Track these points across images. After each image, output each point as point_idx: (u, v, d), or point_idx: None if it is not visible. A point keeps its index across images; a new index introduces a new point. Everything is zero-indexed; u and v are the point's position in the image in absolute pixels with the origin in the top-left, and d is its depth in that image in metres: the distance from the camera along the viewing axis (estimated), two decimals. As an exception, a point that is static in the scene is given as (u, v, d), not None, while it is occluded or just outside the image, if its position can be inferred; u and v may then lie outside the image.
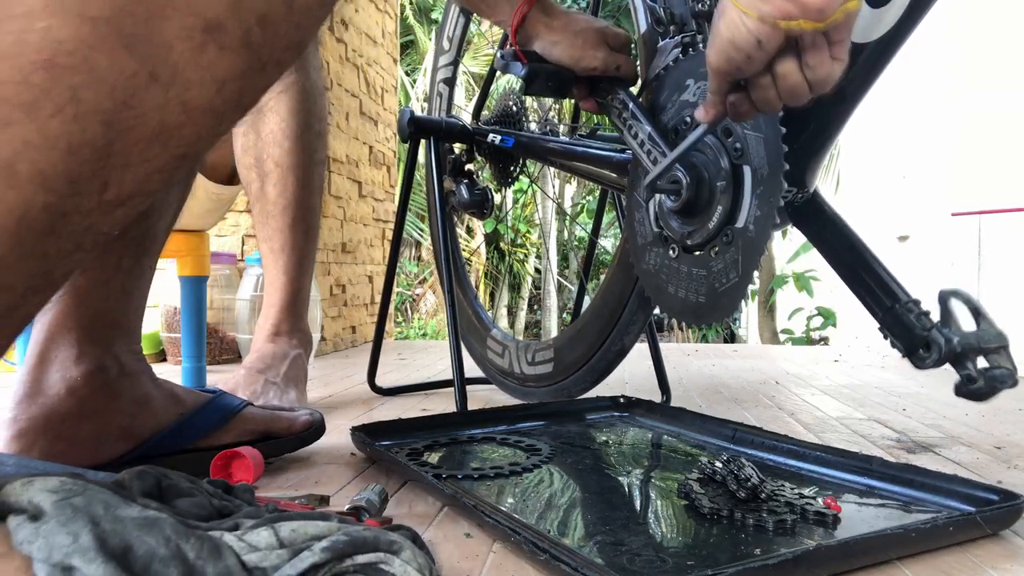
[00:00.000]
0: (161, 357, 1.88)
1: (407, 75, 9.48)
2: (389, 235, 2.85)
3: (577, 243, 9.65)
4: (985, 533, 0.60)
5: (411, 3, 9.48)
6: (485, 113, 1.33)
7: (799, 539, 0.58)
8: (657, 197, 0.86)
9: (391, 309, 1.77)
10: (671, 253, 0.86)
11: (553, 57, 0.93)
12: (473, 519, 0.63)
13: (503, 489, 0.72)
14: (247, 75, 0.40)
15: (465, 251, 8.92)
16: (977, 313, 0.72)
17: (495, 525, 0.58)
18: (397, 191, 2.95)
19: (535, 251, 10.81)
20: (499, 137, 1.20)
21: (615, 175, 1.02)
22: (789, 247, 7.49)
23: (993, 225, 1.93)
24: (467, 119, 1.34)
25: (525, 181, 1.34)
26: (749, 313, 9.66)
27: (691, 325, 0.87)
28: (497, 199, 1.32)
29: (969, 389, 0.69)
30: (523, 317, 11.11)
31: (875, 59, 0.73)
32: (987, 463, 0.88)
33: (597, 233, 1.45)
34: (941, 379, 0.72)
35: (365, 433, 0.86)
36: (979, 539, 0.60)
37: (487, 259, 10.37)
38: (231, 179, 1.39)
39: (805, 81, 0.63)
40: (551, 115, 1.24)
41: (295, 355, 1.14)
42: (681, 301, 0.85)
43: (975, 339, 0.70)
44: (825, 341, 6.03)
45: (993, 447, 0.97)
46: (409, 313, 10.16)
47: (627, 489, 0.74)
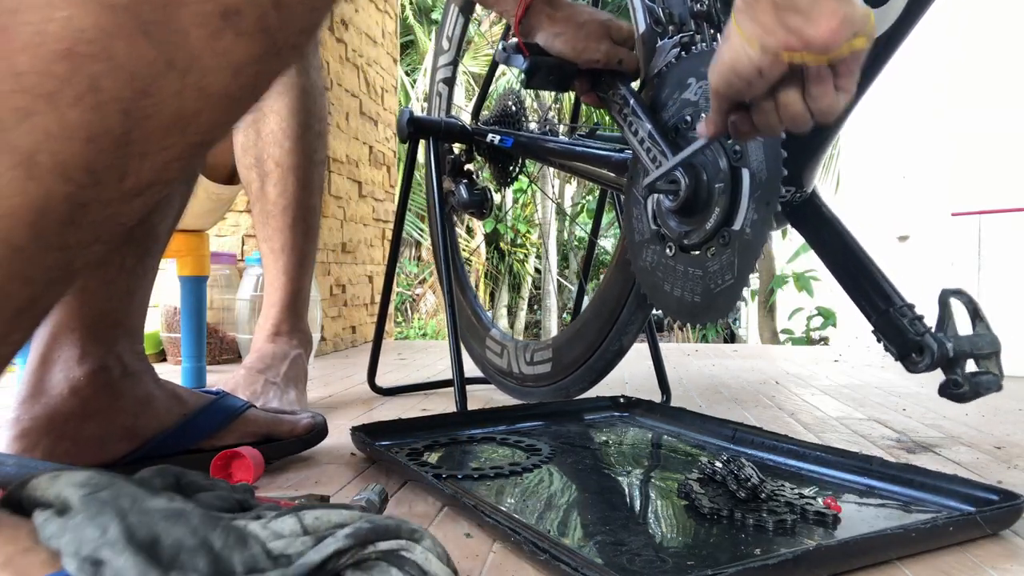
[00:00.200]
0: (161, 357, 1.88)
1: (407, 75, 9.48)
2: (389, 235, 2.85)
3: (577, 243, 9.65)
4: (985, 533, 0.60)
5: (411, 3, 9.48)
6: (484, 113, 1.33)
7: (799, 539, 0.58)
8: (655, 195, 0.86)
9: (391, 309, 1.77)
10: (668, 251, 0.86)
11: (556, 49, 0.92)
12: (473, 519, 0.63)
13: (503, 489, 0.72)
14: (263, 60, 0.39)
15: (465, 251, 8.91)
16: (976, 316, 0.72)
17: (495, 525, 0.58)
18: (397, 191, 2.95)
19: (535, 251, 10.82)
20: (498, 137, 1.20)
21: (614, 175, 1.02)
22: (789, 247, 7.49)
23: (993, 225, 1.93)
24: (466, 119, 1.34)
25: (525, 181, 1.34)
26: (749, 313, 9.66)
27: (686, 324, 0.87)
28: (497, 199, 1.32)
29: (952, 392, 0.70)
30: (523, 317, 11.11)
31: (874, 58, 0.73)
32: (987, 463, 0.88)
33: (597, 233, 1.45)
34: (941, 379, 0.72)
35: (365, 433, 0.86)
36: (979, 539, 0.60)
37: (487, 259, 10.37)
38: (231, 179, 1.39)
39: (807, 111, 0.62)
40: (550, 115, 1.24)
41: (295, 355, 1.14)
42: (677, 300, 0.85)
43: (968, 344, 0.70)
44: (825, 341, 6.03)
45: (993, 447, 0.97)
46: (409, 313, 10.16)
47: (627, 489, 0.74)
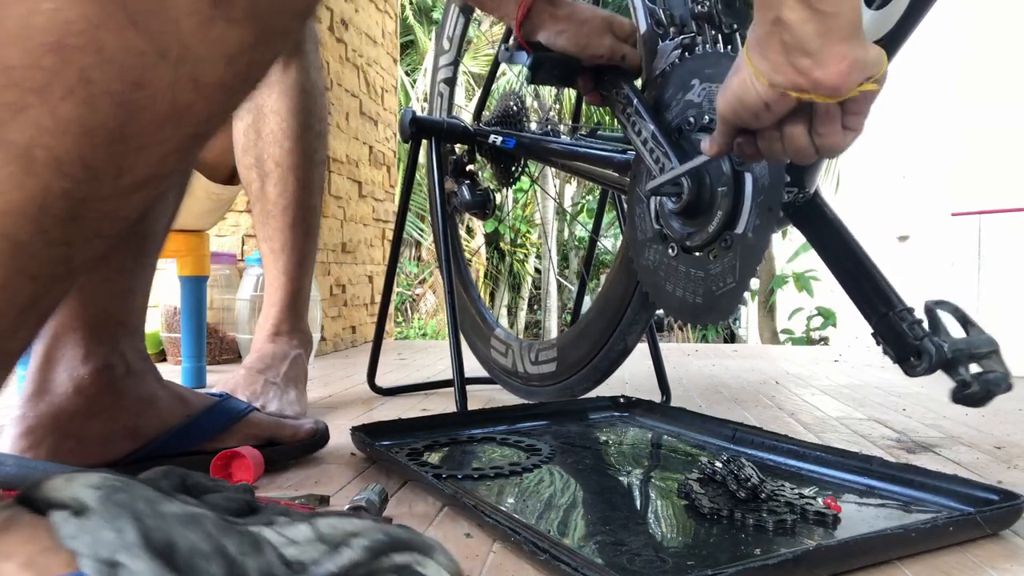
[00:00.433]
0: (161, 357, 1.88)
1: (407, 75, 9.48)
2: (389, 235, 2.85)
3: (577, 243, 9.65)
4: (985, 533, 0.60)
5: (411, 3, 9.48)
6: (486, 114, 1.33)
7: (799, 539, 0.58)
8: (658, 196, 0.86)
9: (391, 309, 1.77)
10: (670, 251, 0.86)
11: (558, 46, 0.92)
12: (473, 519, 0.63)
13: (503, 489, 0.72)
14: (256, 48, 0.39)
15: (465, 251, 8.91)
16: (965, 321, 0.72)
17: (495, 525, 0.58)
18: (397, 191, 2.95)
19: (535, 251, 10.81)
20: (500, 138, 1.20)
21: (616, 175, 1.02)
22: (789, 247, 7.49)
23: (993, 225, 1.93)
24: (468, 119, 1.34)
25: (526, 181, 1.34)
26: (749, 313, 9.66)
27: (687, 324, 0.87)
28: (498, 199, 1.32)
29: (965, 394, 0.69)
30: (523, 317, 11.11)
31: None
32: (987, 463, 0.88)
33: (597, 233, 1.45)
34: (941, 379, 0.72)
35: (365, 433, 0.86)
36: (979, 539, 0.60)
37: (487, 259, 10.37)
38: (231, 179, 1.39)
39: (812, 145, 0.62)
40: (551, 115, 1.24)
41: (295, 355, 1.14)
42: (679, 300, 0.85)
43: (965, 346, 0.70)
44: (825, 341, 6.03)
45: (993, 447, 0.97)
46: (409, 313, 10.16)
47: (627, 489, 0.74)
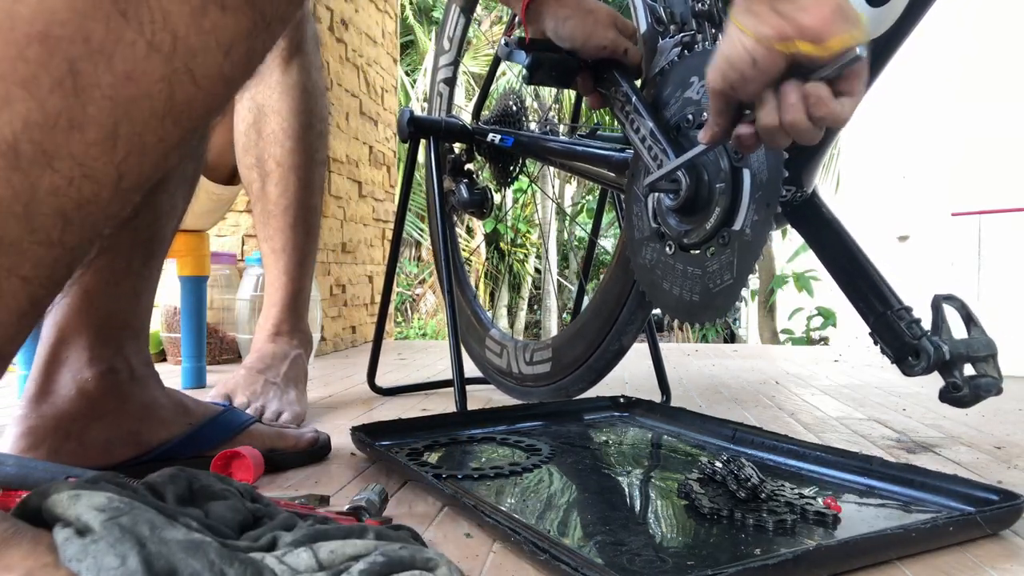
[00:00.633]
0: (161, 357, 1.88)
1: (407, 75, 9.48)
2: (389, 235, 2.85)
3: (577, 243, 9.65)
4: (985, 533, 0.60)
5: (411, 3, 9.48)
6: (485, 113, 1.33)
7: (799, 539, 0.58)
8: (656, 193, 0.86)
9: (391, 309, 1.77)
10: (667, 250, 0.86)
11: (564, 32, 0.91)
12: (473, 519, 0.63)
13: (503, 489, 0.72)
14: (252, 35, 0.37)
15: (465, 251, 8.92)
16: (969, 319, 0.72)
17: (495, 525, 0.58)
18: (397, 191, 2.95)
19: (535, 251, 10.81)
20: (499, 137, 1.20)
21: (615, 174, 1.02)
22: (789, 247, 7.49)
23: (993, 225, 1.93)
24: (467, 119, 1.34)
25: (525, 181, 1.34)
26: (749, 313, 9.66)
27: (684, 323, 0.87)
28: (497, 199, 1.32)
29: (953, 396, 0.69)
30: (523, 317, 11.11)
31: (875, 58, 0.73)
32: (987, 463, 0.88)
33: (597, 233, 1.45)
34: (941, 380, 0.72)
35: (365, 433, 0.85)
36: (979, 539, 0.60)
37: (487, 259, 10.37)
38: (231, 179, 1.39)
39: (807, 116, 0.60)
40: (551, 115, 1.23)
41: (295, 355, 1.14)
42: (676, 298, 0.85)
43: (964, 347, 0.70)
44: (825, 341, 6.03)
45: (993, 447, 0.97)
46: (409, 313, 10.16)
47: (627, 489, 0.74)
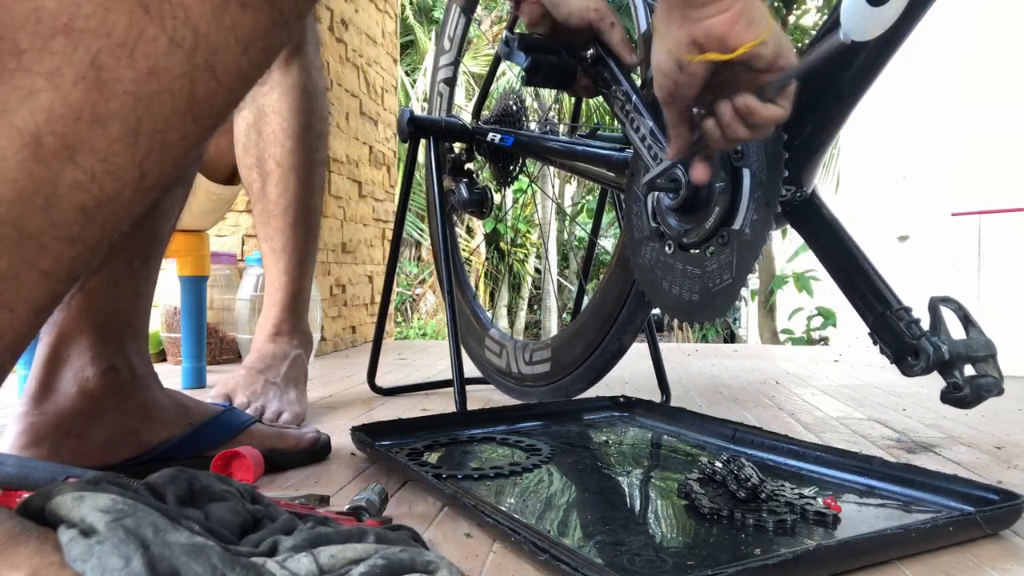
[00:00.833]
0: (161, 357, 1.88)
1: (407, 75, 9.48)
2: (389, 235, 2.85)
3: (577, 243, 9.65)
4: (985, 533, 0.60)
5: (411, 3, 9.48)
6: (485, 113, 1.33)
7: (799, 539, 0.58)
8: (655, 192, 0.86)
9: (391, 309, 1.77)
10: (667, 249, 0.86)
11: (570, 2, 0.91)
12: (473, 519, 0.63)
13: (503, 489, 0.72)
14: (270, 32, 0.38)
15: (465, 251, 8.92)
16: (967, 321, 0.72)
17: (495, 525, 0.58)
18: (397, 191, 2.95)
19: (535, 251, 10.81)
20: (499, 136, 1.20)
21: (614, 174, 1.02)
22: (789, 247, 7.49)
23: (993, 225, 1.93)
24: (467, 119, 1.34)
25: (525, 181, 1.34)
26: (749, 313, 9.66)
27: (683, 322, 0.87)
28: (497, 199, 1.32)
29: (955, 396, 0.69)
30: (523, 317, 11.11)
31: (874, 58, 0.73)
32: (987, 463, 0.88)
33: (597, 233, 1.45)
34: (941, 380, 0.72)
35: (365, 433, 0.85)
36: (979, 539, 0.60)
37: (487, 259, 10.37)
38: (231, 179, 1.39)
39: (743, 125, 0.63)
40: (551, 115, 1.23)
41: (295, 355, 1.14)
42: (675, 298, 0.85)
43: (963, 347, 0.70)
44: (825, 341, 6.03)
45: (993, 447, 0.97)
46: (409, 313, 10.16)
47: (627, 489, 0.74)
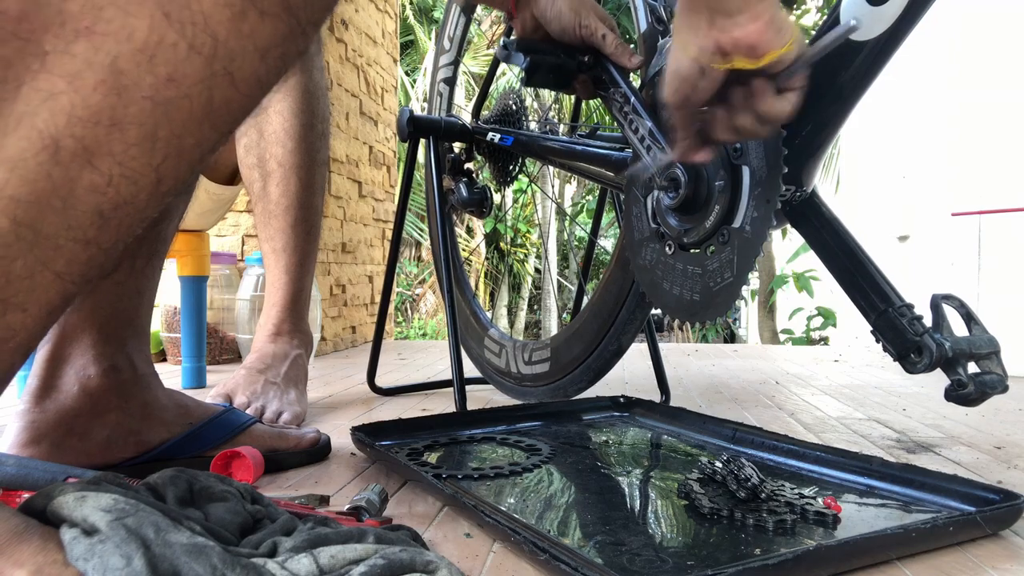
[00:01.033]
0: (161, 357, 1.88)
1: (407, 75, 9.49)
2: (389, 235, 2.85)
3: (577, 243, 9.65)
4: (985, 533, 0.60)
5: (411, 3, 9.49)
6: (485, 112, 1.33)
7: (799, 539, 0.58)
8: (655, 193, 0.86)
9: (391, 309, 1.77)
10: (667, 250, 0.86)
11: (551, 14, 0.91)
12: (473, 519, 0.63)
13: (503, 489, 0.72)
14: (288, 40, 0.38)
15: (464, 251, 8.91)
16: (969, 318, 0.72)
17: (495, 525, 0.58)
18: (397, 191, 2.95)
19: (535, 251, 10.82)
20: (498, 136, 1.20)
21: (614, 174, 1.02)
22: (789, 247, 7.49)
23: (993, 225, 1.93)
24: (467, 118, 1.34)
25: (524, 180, 1.34)
26: (749, 313, 9.66)
27: (684, 322, 0.87)
28: (497, 199, 1.32)
29: (959, 394, 0.69)
30: (523, 317, 11.11)
31: (874, 58, 0.73)
32: (987, 463, 0.88)
33: (596, 233, 1.45)
34: (941, 379, 0.72)
35: (365, 433, 0.85)
36: (979, 539, 0.60)
37: (487, 259, 10.38)
38: (231, 179, 1.39)
39: (755, 120, 0.64)
40: (551, 114, 1.23)
41: (296, 355, 1.14)
42: (676, 298, 0.85)
43: (967, 344, 0.70)
44: (825, 341, 6.04)
45: (993, 447, 0.97)
46: (409, 313, 10.16)
47: (627, 489, 0.74)
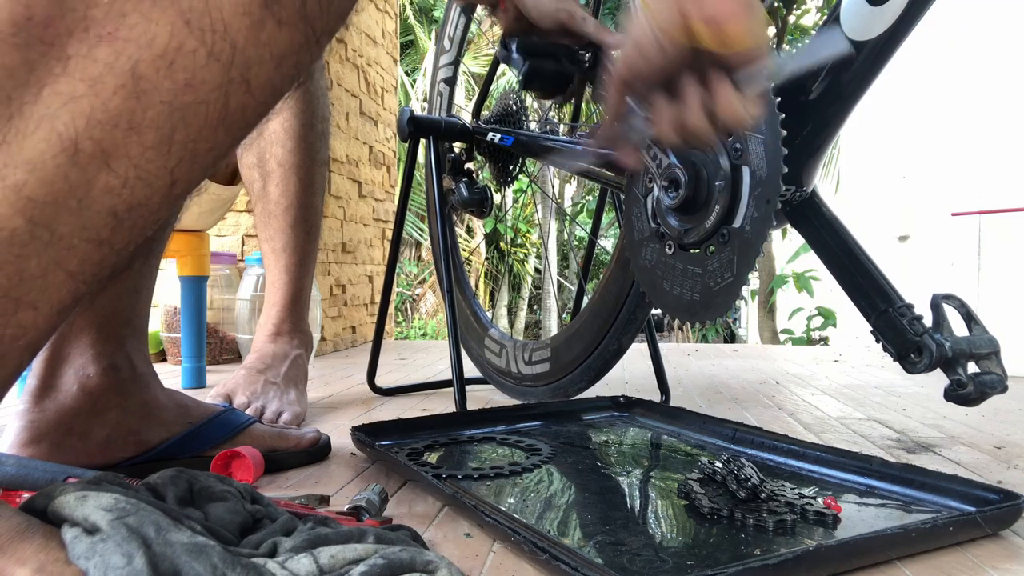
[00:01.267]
0: (161, 357, 1.88)
1: (407, 75, 9.49)
2: (389, 235, 2.85)
3: (577, 243, 9.65)
4: (985, 533, 0.60)
5: (411, 3, 9.49)
6: (485, 112, 1.33)
7: (799, 539, 0.58)
8: (655, 193, 0.86)
9: (391, 309, 1.77)
10: (667, 250, 0.86)
11: (530, 2, 0.89)
12: (473, 519, 0.63)
13: (503, 489, 0.72)
14: (303, 49, 0.39)
15: (465, 251, 8.92)
16: (969, 318, 0.72)
17: (495, 525, 0.58)
18: (397, 191, 2.95)
19: (535, 251, 10.82)
20: (499, 136, 1.20)
21: (614, 174, 1.02)
22: (789, 247, 7.49)
23: (993, 225, 1.93)
24: (467, 118, 1.34)
25: (525, 180, 1.34)
26: (749, 313, 9.66)
27: (684, 322, 0.87)
28: (497, 199, 1.32)
29: (959, 394, 0.69)
30: (523, 317, 11.12)
31: (874, 58, 0.73)
32: (987, 463, 0.88)
33: (596, 233, 1.45)
34: (941, 379, 0.72)
35: (365, 433, 0.85)
36: (979, 539, 0.60)
37: (487, 259, 10.38)
38: (232, 179, 1.39)
39: (708, 119, 0.57)
40: (551, 114, 1.23)
41: (296, 355, 1.14)
42: (676, 298, 0.85)
43: (967, 344, 0.70)
44: (825, 341, 6.04)
45: (993, 447, 0.97)
46: (409, 313, 10.16)
47: (627, 489, 0.74)
